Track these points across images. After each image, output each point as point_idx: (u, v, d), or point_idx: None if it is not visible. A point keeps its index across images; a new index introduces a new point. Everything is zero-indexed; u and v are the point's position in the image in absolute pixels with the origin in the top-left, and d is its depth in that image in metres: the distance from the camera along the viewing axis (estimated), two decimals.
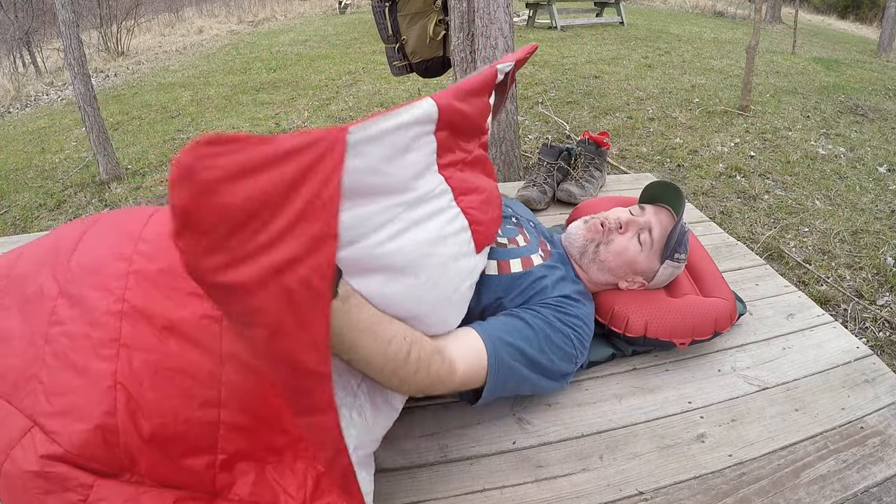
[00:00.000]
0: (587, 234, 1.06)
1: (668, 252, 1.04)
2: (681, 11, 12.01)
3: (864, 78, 6.12)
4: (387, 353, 0.66)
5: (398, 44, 2.84)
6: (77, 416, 0.63)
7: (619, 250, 1.04)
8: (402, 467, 0.85)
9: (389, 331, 0.68)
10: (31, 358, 0.67)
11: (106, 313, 0.69)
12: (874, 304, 2.22)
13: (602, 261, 1.05)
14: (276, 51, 7.75)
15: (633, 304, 1.02)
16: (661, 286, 1.11)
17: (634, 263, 1.04)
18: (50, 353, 0.67)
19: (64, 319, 0.69)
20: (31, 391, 0.65)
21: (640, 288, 1.08)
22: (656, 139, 3.99)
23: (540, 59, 6.46)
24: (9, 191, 3.57)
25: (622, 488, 0.81)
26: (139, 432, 0.63)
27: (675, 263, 1.06)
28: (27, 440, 0.62)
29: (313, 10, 12.63)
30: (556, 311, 0.92)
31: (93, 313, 0.69)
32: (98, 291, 0.71)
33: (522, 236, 1.05)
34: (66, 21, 3.22)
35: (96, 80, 6.47)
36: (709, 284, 1.13)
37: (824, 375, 1.03)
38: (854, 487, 0.82)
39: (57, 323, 0.69)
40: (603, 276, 1.07)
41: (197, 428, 0.66)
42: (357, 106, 4.93)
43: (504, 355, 0.83)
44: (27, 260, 0.79)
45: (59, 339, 0.68)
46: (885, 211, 3.00)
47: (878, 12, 14.41)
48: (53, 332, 0.69)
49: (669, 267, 1.06)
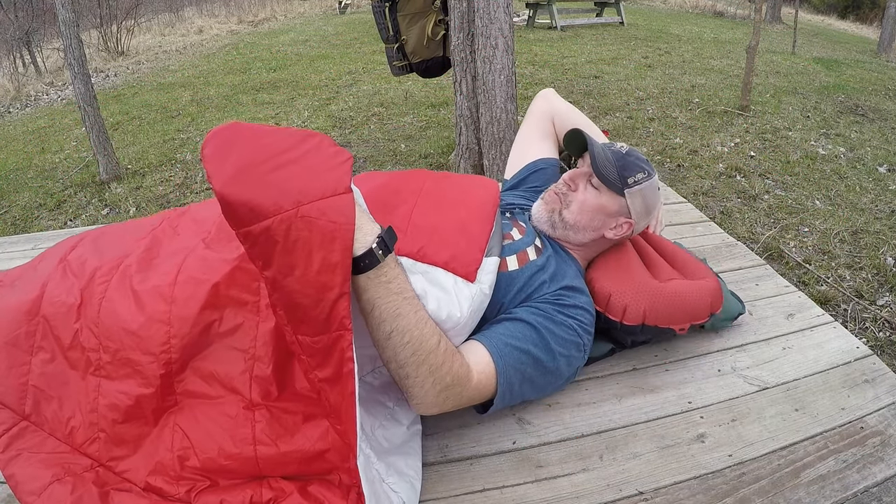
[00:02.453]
0: (546, 206, 1.07)
1: (615, 182, 1.01)
2: (681, 11, 12.01)
3: (864, 78, 6.12)
4: (423, 332, 0.73)
5: (398, 44, 2.84)
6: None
7: (579, 205, 1.04)
8: None
9: (424, 316, 0.75)
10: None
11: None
12: (874, 304, 2.22)
13: (573, 224, 1.04)
14: (276, 51, 7.76)
15: (631, 293, 1.00)
16: (651, 210, 1.07)
17: (602, 208, 1.03)
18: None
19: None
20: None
21: (629, 228, 1.05)
22: (656, 139, 3.99)
23: (540, 58, 6.46)
24: (9, 191, 3.57)
25: (622, 488, 0.81)
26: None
27: (639, 186, 1.02)
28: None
29: (313, 10, 12.63)
30: (556, 305, 0.93)
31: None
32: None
33: (517, 229, 1.05)
34: (66, 21, 3.22)
35: (96, 80, 6.47)
36: (691, 269, 1.11)
37: (824, 375, 1.03)
38: (854, 487, 0.81)
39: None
40: (584, 236, 1.05)
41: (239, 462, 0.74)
42: (357, 106, 4.93)
43: (511, 361, 0.85)
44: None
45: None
46: (885, 211, 3.00)
47: (878, 12, 14.41)
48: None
49: (636, 193, 1.02)
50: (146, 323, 0.76)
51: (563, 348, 0.90)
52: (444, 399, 0.78)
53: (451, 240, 0.90)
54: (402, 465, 0.79)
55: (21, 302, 0.82)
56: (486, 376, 0.82)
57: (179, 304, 0.77)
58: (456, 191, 1.04)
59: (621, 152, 1.04)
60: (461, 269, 0.86)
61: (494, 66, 2.64)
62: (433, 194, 0.99)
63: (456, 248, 0.88)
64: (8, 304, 0.83)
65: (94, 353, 0.77)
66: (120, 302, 0.79)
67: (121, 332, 0.76)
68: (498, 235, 0.98)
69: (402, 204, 0.95)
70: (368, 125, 4.44)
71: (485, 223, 0.96)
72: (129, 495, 0.71)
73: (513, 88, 2.73)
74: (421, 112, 4.69)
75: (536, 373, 0.88)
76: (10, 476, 0.71)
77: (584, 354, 0.95)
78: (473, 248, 0.90)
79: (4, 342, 0.80)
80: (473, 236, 0.92)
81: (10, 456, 0.72)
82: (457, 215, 0.96)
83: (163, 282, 0.80)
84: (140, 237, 0.91)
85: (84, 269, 0.84)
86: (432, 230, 0.90)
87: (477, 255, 0.90)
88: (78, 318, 0.79)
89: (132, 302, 0.78)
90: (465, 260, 0.87)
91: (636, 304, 0.98)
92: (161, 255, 0.86)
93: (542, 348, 0.87)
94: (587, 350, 0.95)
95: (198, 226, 0.93)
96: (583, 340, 0.93)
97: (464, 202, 1.00)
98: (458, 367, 0.77)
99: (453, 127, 3.13)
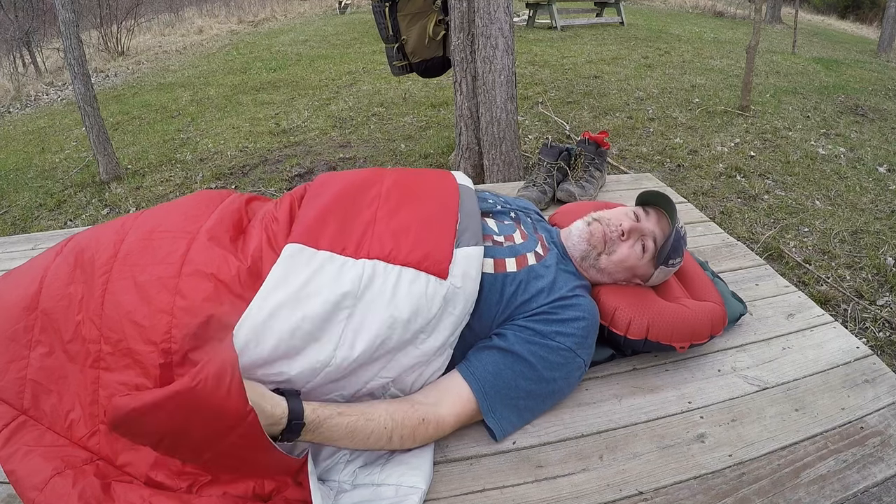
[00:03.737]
0: (590, 240, 1.05)
1: (663, 258, 1.05)
2: (681, 11, 12.01)
3: (864, 78, 6.12)
4: (367, 445, 0.80)
5: (398, 44, 2.84)
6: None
7: (620, 259, 1.04)
8: None
9: (367, 430, 0.78)
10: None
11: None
12: (874, 304, 2.22)
13: (602, 268, 1.06)
14: (276, 51, 7.75)
15: (635, 308, 1.02)
16: (657, 283, 1.12)
17: (634, 269, 1.06)
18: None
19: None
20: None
21: (635, 286, 1.09)
22: (656, 139, 3.99)
23: (540, 58, 6.46)
24: (9, 191, 3.57)
25: (622, 488, 0.81)
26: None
27: (668, 269, 1.08)
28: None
29: (313, 10, 12.63)
30: (551, 323, 0.93)
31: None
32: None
33: (520, 233, 1.05)
34: (66, 21, 3.22)
35: (96, 80, 6.47)
36: (698, 288, 1.13)
37: (824, 375, 1.03)
38: (854, 487, 0.81)
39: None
40: (601, 278, 1.08)
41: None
42: (357, 106, 4.93)
43: (499, 396, 0.88)
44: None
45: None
46: (885, 211, 3.00)
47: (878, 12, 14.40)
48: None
49: (663, 271, 1.08)
50: (150, 313, 0.76)
51: (559, 372, 0.92)
52: (427, 441, 0.85)
53: (421, 238, 0.90)
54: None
55: (19, 297, 0.82)
56: (466, 413, 0.87)
57: (184, 296, 0.78)
58: (415, 188, 1.03)
59: (681, 232, 1.07)
60: (434, 266, 0.87)
61: (494, 66, 2.64)
62: (393, 195, 0.99)
63: (426, 246, 0.89)
64: (5, 301, 0.83)
65: (95, 344, 0.77)
66: (123, 293, 0.79)
67: (124, 321, 0.77)
68: (473, 227, 0.97)
69: (362, 211, 0.95)
70: (368, 125, 4.44)
71: (449, 216, 0.96)
72: (132, 486, 0.71)
73: (513, 88, 2.73)
74: (421, 112, 4.69)
75: (533, 402, 0.91)
76: (10, 472, 0.70)
77: (585, 366, 0.96)
78: (443, 244, 0.91)
79: (2, 338, 0.80)
80: (441, 231, 0.92)
81: (10, 452, 0.72)
82: (420, 213, 0.95)
83: (166, 273, 0.80)
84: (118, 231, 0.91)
85: (82, 260, 0.84)
86: (399, 232, 0.91)
87: (447, 249, 0.90)
88: (80, 311, 0.80)
89: (135, 293, 0.78)
90: (437, 257, 0.88)
91: (640, 319, 1.00)
92: (155, 238, 0.87)
93: (535, 380, 0.90)
94: (587, 362, 0.96)
95: (187, 211, 0.95)
96: (581, 357, 0.94)
97: (425, 198, 1.00)
98: (424, 434, 0.83)
99: (453, 127, 3.13)
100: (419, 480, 0.78)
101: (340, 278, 0.82)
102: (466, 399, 0.87)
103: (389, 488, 0.77)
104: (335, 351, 0.79)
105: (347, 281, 0.82)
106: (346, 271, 0.84)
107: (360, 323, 0.81)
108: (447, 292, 0.86)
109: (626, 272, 1.06)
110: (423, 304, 0.84)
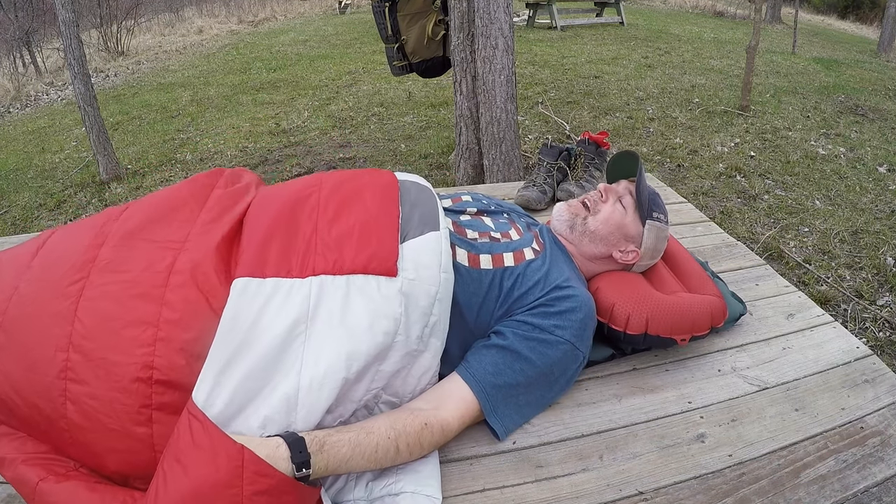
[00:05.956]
0: (570, 210, 1.12)
1: (645, 211, 1.08)
2: (681, 11, 12.01)
3: (864, 78, 6.12)
4: (376, 459, 0.76)
5: (398, 44, 2.84)
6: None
7: (606, 217, 1.09)
8: None
9: (372, 443, 0.76)
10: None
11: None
12: (874, 304, 2.22)
13: (592, 231, 1.09)
14: (276, 51, 7.76)
15: (633, 302, 1.01)
16: (655, 256, 1.13)
17: (623, 227, 1.08)
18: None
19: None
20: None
21: (634, 258, 1.09)
22: (656, 139, 4.00)
23: (540, 58, 6.46)
24: (9, 191, 3.57)
25: (622, 488, 0.81)
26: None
27: (658, 224, 1.10)
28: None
29: (313, 10, 12.63)
30: (548, 317, 0.92)
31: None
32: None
33: (515, 230, 1.07)
34: (66, 21, 3.22)
35: (96, 80, 6.47)
36: (696, 282, 1.14)
37: (824, 375, 1.03)
38: (854, 487, 0.81)
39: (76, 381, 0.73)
40: (596, 248, 1.09)
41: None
42: (357, 106, 4.93)
43: (501, 395, 0.88)
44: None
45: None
46: (885, 211, 3.00)
47: (878, 12, 14.39)
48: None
49: (653, 228, 1.09)
50: (131, 322, 0.74)
51: (559, 366, 0.92)
52: (434, 447, 0.84)
53: (363, 241, 0.87)
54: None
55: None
56: (470, 414, 0.86)
57: (171, 309, 0.75)
58: (351, 191, 1.00)
59: (654, 191, 1.14)
60: (380, 266, 0.85)
61: (494, 66, 2.64)
62: (331, 203, 0.95)
63: (370, 247, 0.87)
64: None
65: (63, 353, 0.73)
66: (100, 300, 0.76)
67: (102, 330, 0.74)
68: (422, 215, 0.96)
69: (302, 226, 0.91)
70: (368, 125, 4.44)
71: (390, 211, 0.94)
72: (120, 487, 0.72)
73: (513, 88, 2.73)
74: (421, 112, 4.69)
75: (534, 399, 0.92)
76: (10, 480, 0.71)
77: (584, 359, 0.96)
78: (387, 241, 0.88)
79: None
80: (382, 229, 0.90)
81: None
82: (360, 215, 0.93)
83: (152, 282, 0.78)
84: (94, 234, 0.88)
85: (57, 266, 0.81)
86: (341, 239, 0.88)
87: (391, 245, 0.88)
88: (54, 318, 0.76)
89: (112, 300, 0.76)
90: (382, 256, 0.86)
91: (639, 313, 1.00)
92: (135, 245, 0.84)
93: (535, 377, 0.90)
94: (586, 355, 0.97)
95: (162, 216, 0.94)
96: (580, 349, 0.94)
97: (362, 199, 0.97)
98: (430, 440, 0.81)
99: (453, 127, 3.13)
100: (434, 490, 0.78)
101: (287, 304, 0.79)
102: (468, 401, 0.86)
103: (407, 496, 0.76)
104: (298, 377, 0.75)
105: (295, 306, 0.79)
106: (294, 295, 0.80)
107: (319, 345, 0.77)
108: (402, 286, 0.84)
109: (617, 231, 1.08)
110: (382, 306, 0.81)
